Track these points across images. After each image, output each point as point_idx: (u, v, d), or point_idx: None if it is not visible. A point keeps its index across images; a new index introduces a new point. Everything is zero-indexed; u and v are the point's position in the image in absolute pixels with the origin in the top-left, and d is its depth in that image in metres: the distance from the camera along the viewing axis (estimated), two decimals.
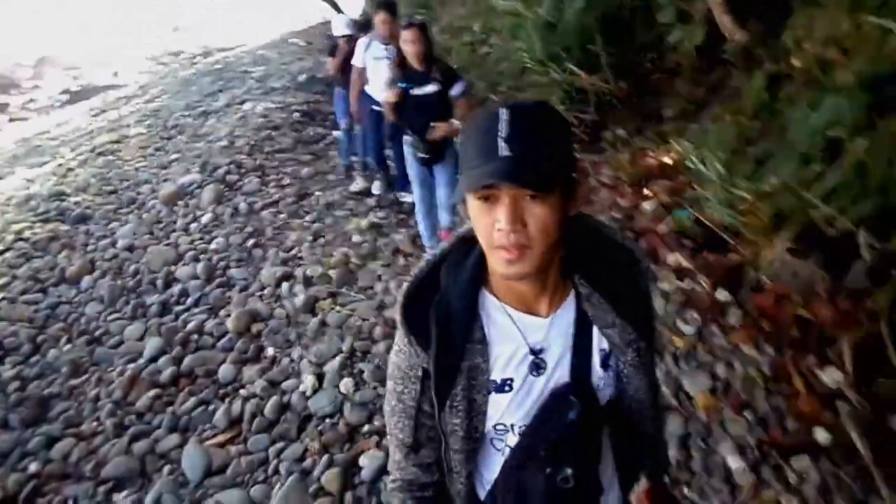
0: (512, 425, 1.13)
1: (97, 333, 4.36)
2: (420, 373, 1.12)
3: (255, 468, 3.08)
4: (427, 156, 4.09)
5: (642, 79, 6.08)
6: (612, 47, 6.14)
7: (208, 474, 3.09)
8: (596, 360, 1.14)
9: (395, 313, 1.13)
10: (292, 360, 3.76)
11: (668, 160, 4.66)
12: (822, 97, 3.10)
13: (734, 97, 4.44)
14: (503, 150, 0.91)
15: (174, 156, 7.38)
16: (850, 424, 2.48)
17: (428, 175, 4.27)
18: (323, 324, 4.02)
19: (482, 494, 1.24)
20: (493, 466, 1.20)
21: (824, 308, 2.94)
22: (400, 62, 4.07)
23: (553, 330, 1.11)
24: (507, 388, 1.11)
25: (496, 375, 1.10)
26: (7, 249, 5.64)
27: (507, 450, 1.16)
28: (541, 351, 1.11)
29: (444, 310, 1.09)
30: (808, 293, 3.05)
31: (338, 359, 3.64)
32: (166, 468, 3.17)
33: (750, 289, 3.34)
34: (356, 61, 5.37)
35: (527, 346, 1.10)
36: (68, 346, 4.27)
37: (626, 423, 1.21)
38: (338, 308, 4.11)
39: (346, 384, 3.44)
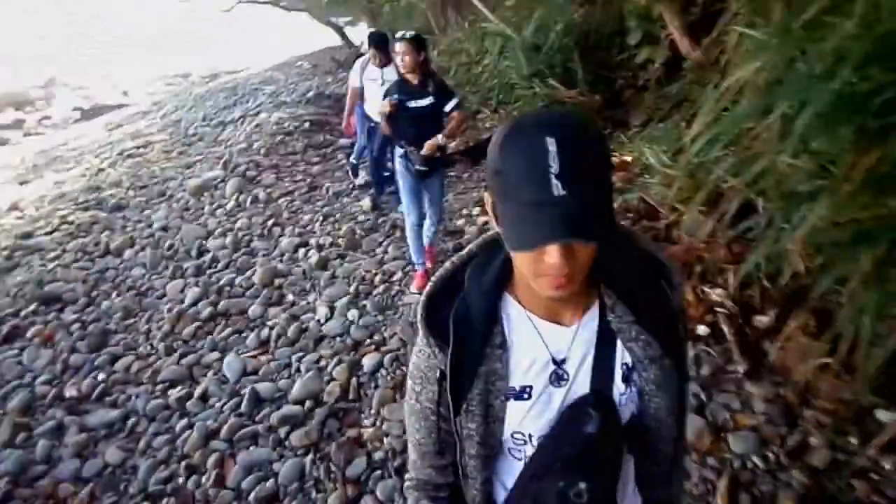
0: (530, 435, 1.14)
1: (143, 289, 5.46)
2: (438, 375, 1.14)
3: (281, 369, 4.15)
4: (423, 168, 4.27)
5: (616, 93, 7.26)
6: (590, 66, 7.33)
7: (244, 374, 4.14)
8: (618, 374, 1.13)
9: (417, 314, 1.15)
10: (308, 302, 4.86)
11: (627, 158, 5.76)
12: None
13: (692, 107, 5.51)
14: (557, 188, 0.86)
15: (196, 157, 8.60)
16: (722, 319, 3.57)
17: (419, 187, 4.49)
18: (333, 276, 5.14)
19: (499, 502, 1.27)
20: (513, 474, 1.21)
21: (721, 251, 4.03)
22: (401, 76, 4.38)
23: (577, 339, 1.11)
24: (525, 395, 1.12)
25: (515, 382, 1.12)
26: (54, 230, 6.82)
27: (527, 459, 1.17)
28: (563, 361, 1.11)
29: (465, 312, 1.10)
30: (710, 242, 4.15)
31: (345, 298, 4.75)
32: (210, 372, 4.23)
33: (671, 243, 4.45)
34: (352, 82, 6.21)
35: (549, 355, 1.11)
36: (118, 298, 5.35)
37: (647, 443, 1.21)
38: (346, 264, 5.23)
39: (353, 314, 4.54)
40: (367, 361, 4.04)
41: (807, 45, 2.84)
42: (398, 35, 4.27)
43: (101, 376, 4.34)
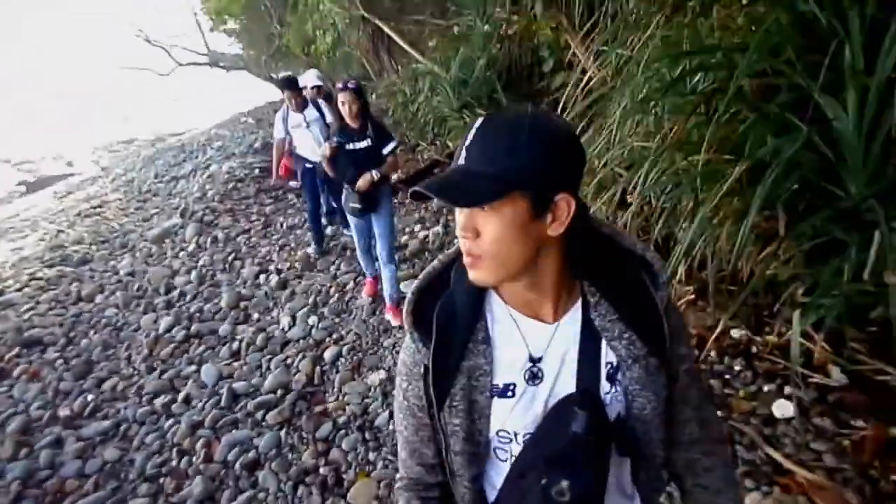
0: (515, 433, 1.16)
1: (118, 325, 6.14)
2: (422, 370, 1.17)
3: (253, 370, 4.89)
4: (360, 206, 4.65)
5: None
6: (513, 95, 8.28)
7: (220, 379, 4.87)
8: (603, 373, 1.14)
9: (404, 311, 1.19)
10: (272, 317, 5.63)
11: None
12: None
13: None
14: (461, 158, 0.98)
15: (154, 210, 9.37)
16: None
17: (365, 225, 4.93)
18: (293, 293, 5.95)
19: (490, 500, 1.28)
20: (500, 474, 1.23)
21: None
22: (340, 121, 4.70)
23: (556, 337, 1.14)
24: (509, 393, 1.14)
25: (499, 379, 1.15)
26: (24, 287, 7.42)
27: (512, 459, 1.19)
28: (539, 359, 1.14)
29: (450, 308, 1.14)
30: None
31: (305, 308, 5.55)
32: (189, 381, 4.93)
33: None
34: (277, 134, 6.49)
35: (527, 352, 1.14)
36: (96, 335, 6.02)
37: (635, 444, 1.22)
38: (303, 282, 6.02)
39: (312, 320, 5.34)
40: (328, 354, 4.83)
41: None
42: (339, 86, 4.62)
43: (90, 397, 4.99)
